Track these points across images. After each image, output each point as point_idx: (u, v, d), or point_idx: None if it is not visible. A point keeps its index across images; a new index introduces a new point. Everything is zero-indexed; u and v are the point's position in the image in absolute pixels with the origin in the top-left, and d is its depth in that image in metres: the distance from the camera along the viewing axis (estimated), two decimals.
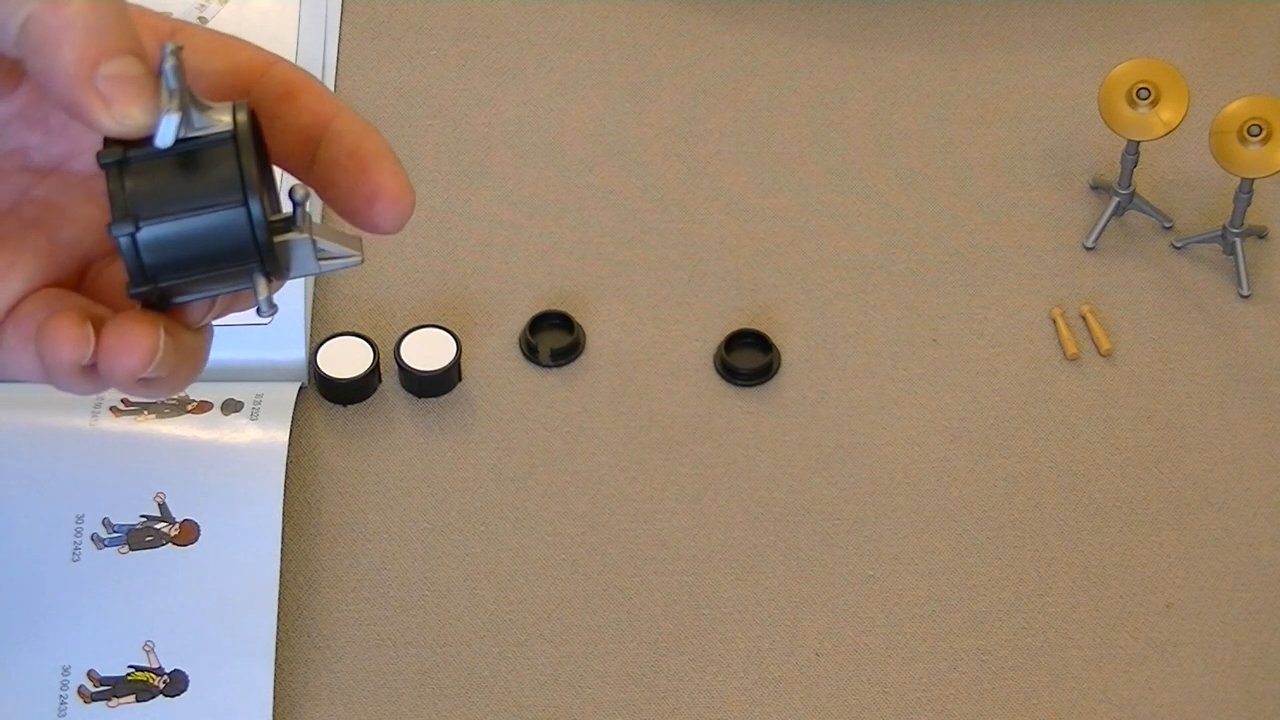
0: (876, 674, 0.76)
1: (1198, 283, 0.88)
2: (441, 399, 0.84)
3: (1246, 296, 0.88)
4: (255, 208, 0.56)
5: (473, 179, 0.91)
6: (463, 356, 0.84)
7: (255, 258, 0.57)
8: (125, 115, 0.55)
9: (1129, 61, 0.87)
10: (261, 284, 0.57)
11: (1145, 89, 0.86)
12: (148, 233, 0.56)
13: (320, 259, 0.58)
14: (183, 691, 0.74)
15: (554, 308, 0.86)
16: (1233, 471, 0.82)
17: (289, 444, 0.80)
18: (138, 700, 0.74)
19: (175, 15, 0.96)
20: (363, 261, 0.59)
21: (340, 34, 0.96)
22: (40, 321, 0.58)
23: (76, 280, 0.61)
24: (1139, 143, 0.87)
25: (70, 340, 0.56)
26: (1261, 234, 0.89)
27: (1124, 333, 0.86)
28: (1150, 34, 0.97)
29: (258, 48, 0.61)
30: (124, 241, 0.56)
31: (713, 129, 0.93)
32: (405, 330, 0.84)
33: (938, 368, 0.85)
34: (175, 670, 0.74)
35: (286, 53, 0.94)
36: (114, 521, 0.77)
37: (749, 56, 0.96)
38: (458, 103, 0.94)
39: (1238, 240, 0.87)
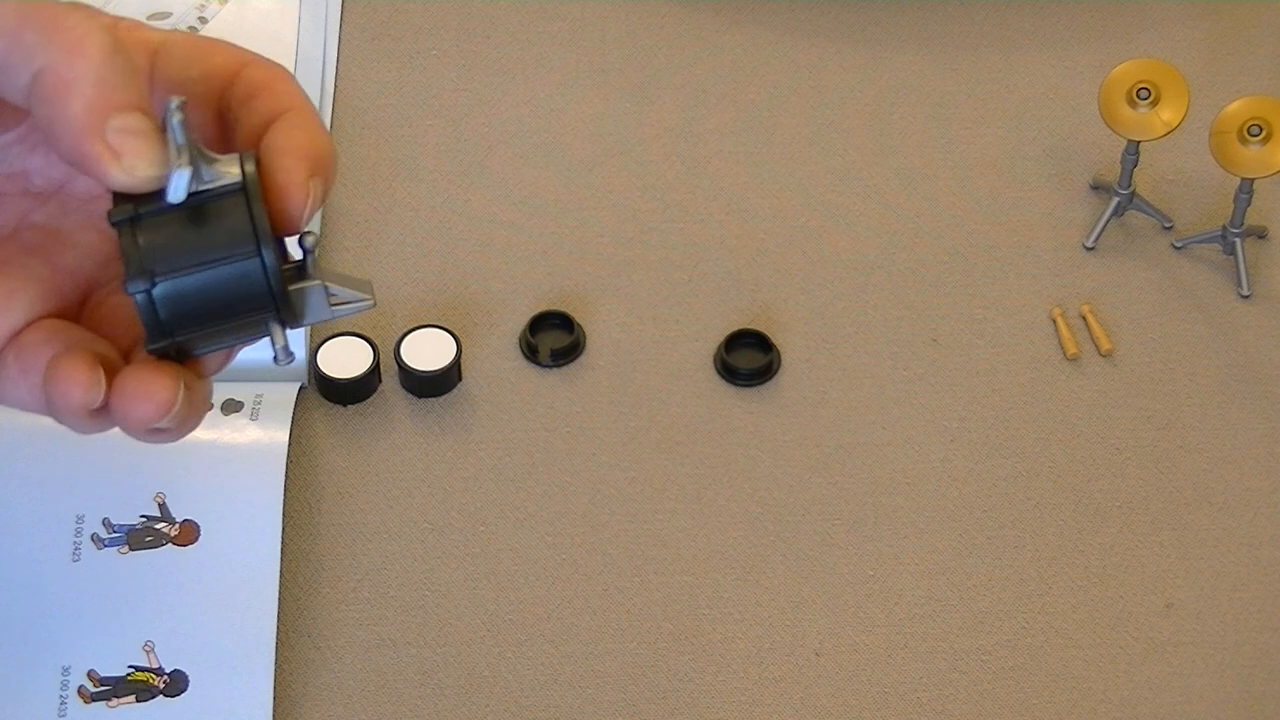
0: (876, 674, 0.76)
1: (1198, 283, 0.88)
2: (441, 399, 0.84)
3: (1246, 296, 0.88)
4: (269, 258, 0.56)
5: (473, 179, 0.91)
6: (463, 356, 0.84)
7: (271, 307, 0.57)
8: (134, 168, 0.56)
9: (1129, 61, 0.87)
10: (277, 332, 0.58)
11: (1145, 89, 0.86)
12: (163, 288, 0.56)
13: (333, 303, 0.59)
14: (183, 691, 0.74)
15: (554, 308, 0.86)
16: (1233, 471, 0.82)
17: (289, 444, 0.80)
18: (138, 700, 0.74)
19: (175, 15, 0.97)
20: (374, 305, 0.60)
21: (340, 34, 0.96)
22: (50, 360, 0.58)
23: (78, 308, 0.61)
24: (1139, 143, 0.87)
25: (81, 384, 0.57)
26: (1261, 234, 0.89)
27: (1124, 333, 0.86)
28: (1150, 34, 0.97)
29: (234, 48, 0.61)
30: (140, 299, 0.56)
31: (713, 129, 0.93)
32: (405, 330, 0.84)
33: (938, 368, 0.85)
34: (175, 670, 0.74)
35: (286, 52, 0.94)
36: (114, 521, 0.77)
37: (749, 56, 0.96)
38: (458, 103, 0.94)
39: (1238, 240, 0.87)
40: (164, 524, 0.77)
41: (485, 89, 0.95)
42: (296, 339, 0.83)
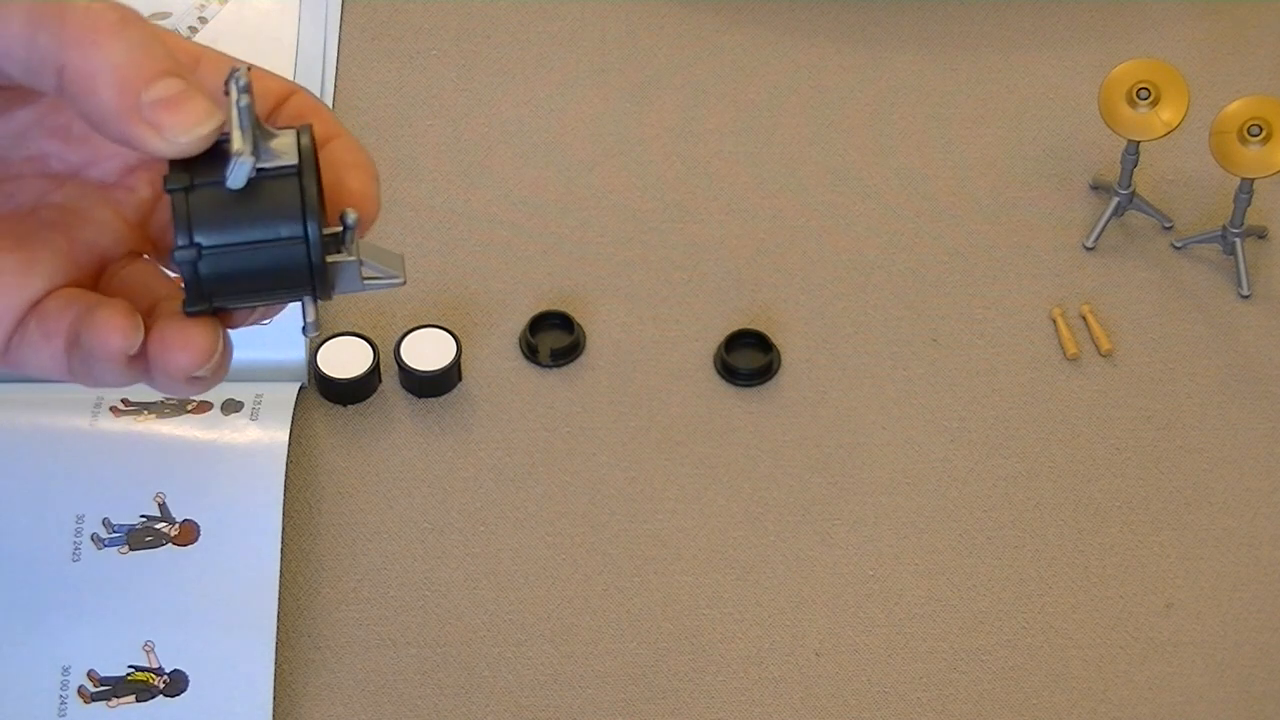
0: (876, 674, 0.76)
1: (1198, 283, 0.88)
2: (441, 399, 0.84)
3: (1246, 296, 0.88)
4: (315, 245, 0.57)
5: (473, 179, 0.91)
6: (463, 356, 0.84)
7: (308, 283, 0.58)
8: (176, 137, 0.57)
9: (1129, 61, 0.87)
10: (310, 307, 0.59)
11: (1145, 89, 0.86)
12: (210, 259, 0.57)
13: (365, 278, 0.60)
14: (183, 691, 0.74)
15: (554, 308, 0.86)
16: (1233, 471, 0.82)
17: (289, 444, 0.80)
18: (138, 700, 0.74)
19: (175, 15, 0.97)
20: (405, 282, 0.61)
21: (340, 34, 0.96)
22: (85, 309, 0.59)
23: (93, 281, 0.62)
24: (1139, 143, 0.87)
25: (120, 329, 0.58)
26: (1261, 234, 0.89)
27: (1124, 333, 0.86)
28: (1150, 34, 0.97)
29: (280, 76, 0.64)
30: (186, 267, 0.57)
31: (713, 129, 0.93)
32: (405, 330, 0.84)
33: (938, 368, 0.85)
34: (175, 670, 0.74)
35: (286, 52, 0.94)
36: (114, 521, 0.77)
37: (749, 56, 0.96)
38: (458, 103, 0.94)
39: (1238, 240, 0.87)
40: (164, 524, 0.77)
41: (485, 89, 0.95)
42: (297, 339, 0.83)
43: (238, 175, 0.56)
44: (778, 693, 0.76)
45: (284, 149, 0.57)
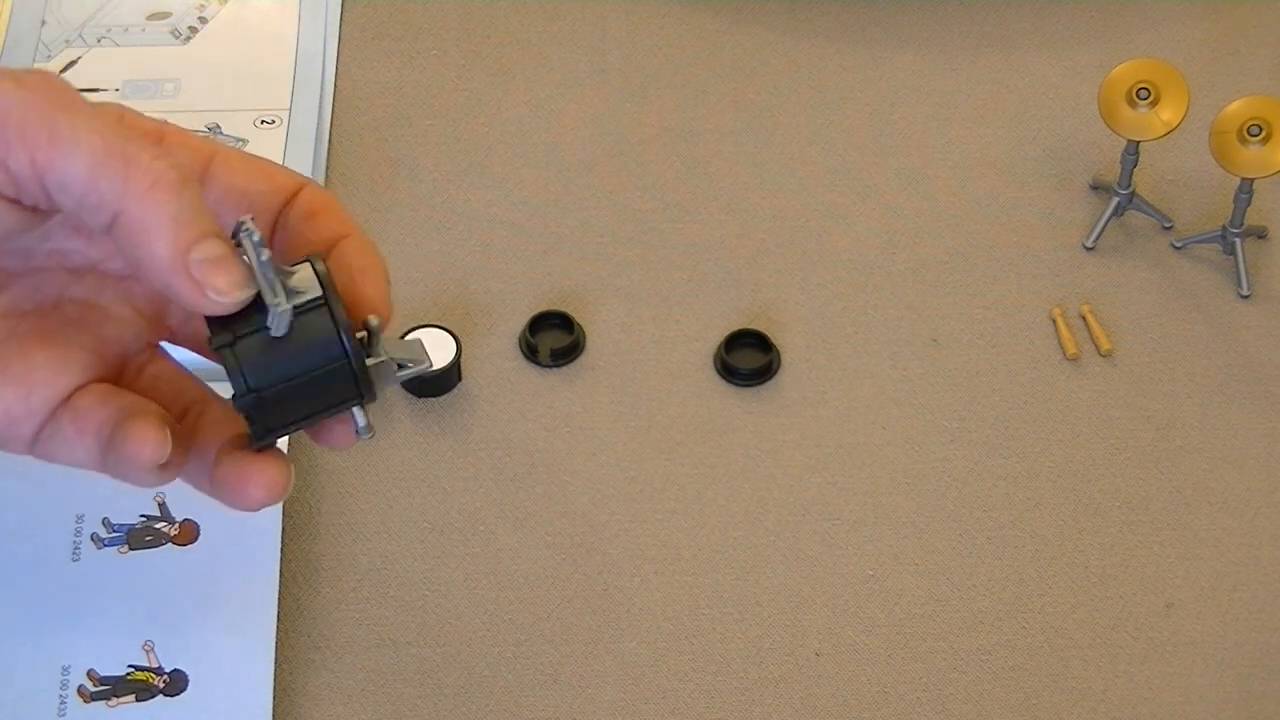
0: (876, 674, 0.76)
1: (1198, 283, 0.88)
2: (441, 399, 0.84)
3: (1246, 296, 0.88)
4: (358, 364, 0.62)
5: (473, 179, 0.91)
6: (463, 356, 0.84)
7: (357, 396, 0.63)
8: (219, 295, 0.60)
9: (1129, 61, 0.87)
10: (360, 414, 0.64)
11: (1145, 89, 0.86)
12: (267, 399, 0.62)
13: (399, 374, 0.65)
14: (183, 691, 0.74)
15: (554, 308, 0.86)
16: (1233, 471, 0.82)
17: (289, 444, 0.80)
18: (138, 700, 0.74)
19: (175, 15, 0.97)
20: (432, 366, 0.66)
21: (340, 34, 0.96)
22: (118, 414, 0.63)
23: (118, 375, 0.66)
24: (1139, 143, 0.87)
25: (153, 442, 0.62)
26: (1261, 234, 0.89)
27: (1124, 333, 0.86)
28: (1150, 34, 0.97)
29: (289, 170, 0.67)
30: (247, 411, 0.62)
31: (713, 129, 0.93)
32: (405, 330, 0.84)
33: (938, 368, 0.85)
34: (175, 670, 0.74)
35: (286, 52, 0.94)
36: (114, 521, 0.77)
37: (749, 56, 0.96)
38: (458, 103, 0.94)
39: (1238, 240, 0.87)
40: (164, 523, 0.77)
41: (485, 89, 0.95)
42: None
43: (280, 324, 0.61)
44: (778, 693, 0.76)
45: (305, 283, 0.62)
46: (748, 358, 0.85)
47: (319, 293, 0.62)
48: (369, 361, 0.63)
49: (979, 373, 0.85)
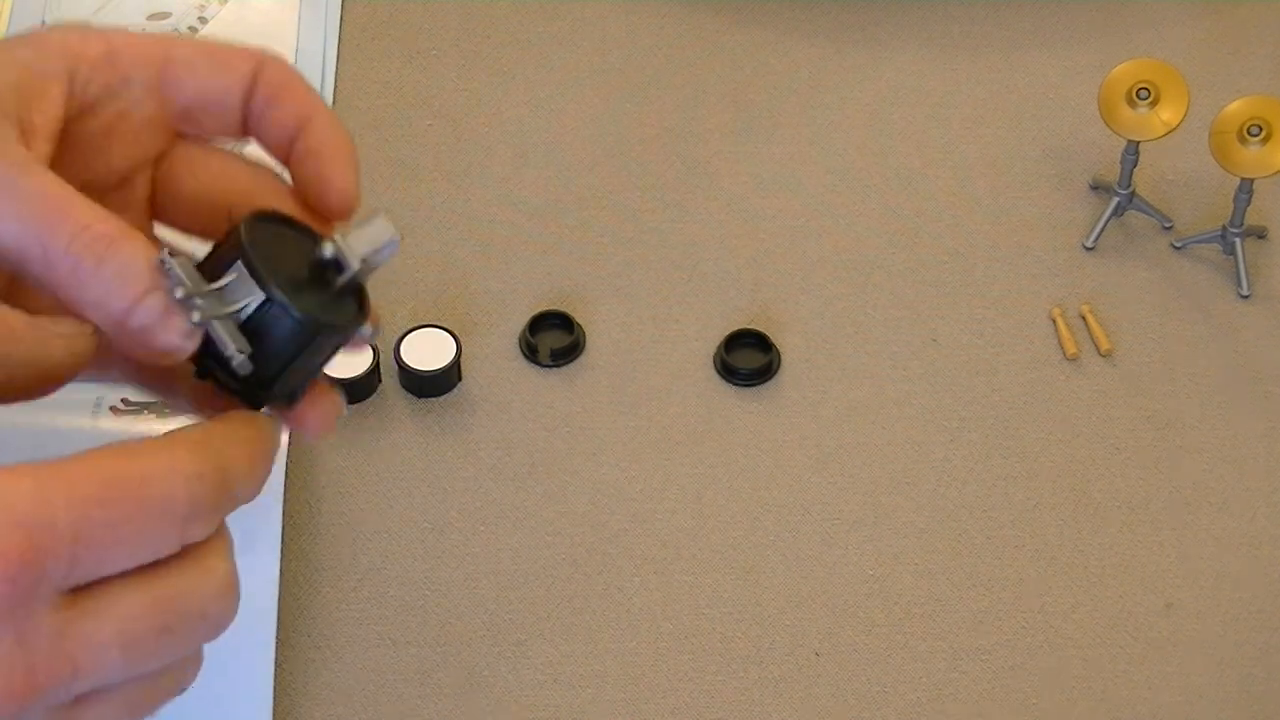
0: (876, 674, 0.76)
1: (1198, 283, 0.88)
2: (441, 399, 0.84)
3: (1246, 296, 0.88)
4: (332, 324, 0.60)
5: (473, 179, 0.91)
6: (463, 356, 0.84)
7: (344, 335, 0.61)
8: (171, 350, 0.57)
9: (1129, 61, 0.87)
10: (361, 335, 0.62)
11: (1145, 89, 0.86)
12: (274, 389, 0.61)
13: (367, 262, 0.61)
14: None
15: (554, 308, 0.86)
16: (1233, 471, 0.82)
17: (289, 444, 0.80)
18: None
19: (175, 15, 0.97)
20: (399, 237, 0.61)
21: (340, 34, 0.96)
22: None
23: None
24: (1139, 143, 0.87)
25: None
26: (1261, 234, 0.89)
27: (1124, 333, 0.86)
28: (1150, 34, 0.97)
29: (245, 50, 0.63)
30: (268, 402, 0.61)
31: (713, 129, 0.93)
32: (405, 330, 0.84)
33: (938, 368, 0.85)
34: None
35: (287, 52, 0.94)
36: None
37: (749, 56, 0.96)
38: (458, 103, 0.94)
39: (1238, 240, 0.87)
40: None
41: (485, 89, 0.95)
42: None
43: (242, 365, 0.58)
44: (778, 693, 0.76)
45: (245, 291, 0.58)
46: (748, 358, 0.85)
47: (261, 296, 0.58)
48: (340, 281, 0.60)
49: (979, 373, 0.85)
